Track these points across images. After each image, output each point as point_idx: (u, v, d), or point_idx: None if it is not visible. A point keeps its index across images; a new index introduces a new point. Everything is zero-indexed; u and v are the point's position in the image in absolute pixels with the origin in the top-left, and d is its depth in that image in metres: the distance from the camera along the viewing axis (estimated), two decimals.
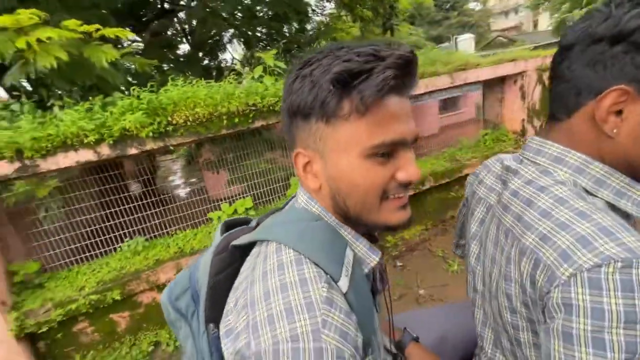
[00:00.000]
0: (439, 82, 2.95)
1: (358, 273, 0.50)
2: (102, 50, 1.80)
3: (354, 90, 0.44)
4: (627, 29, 0.44)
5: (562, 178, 0.52)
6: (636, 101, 0.45)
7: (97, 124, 1.83)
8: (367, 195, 0.49)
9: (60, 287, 2.10)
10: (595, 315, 0.40)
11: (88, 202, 2.35)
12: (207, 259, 0.60)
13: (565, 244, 0.44)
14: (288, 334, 0.39)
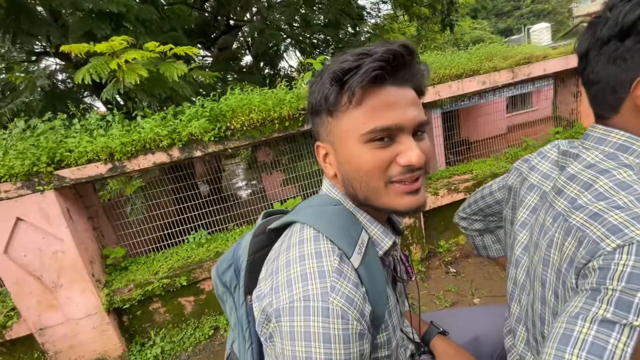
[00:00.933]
0: (498, 77, 2.75)
1: (372, 254, 0.56)
2: (174, 66, 2.08)
3: (346, 84, 0.50)
4: (627, 23, 0.45)
5: (628, 162, 0.50)
6: None
7: (169, 130, 2.11)
8: (370, 178, 0.53)
9: (140, 270, 2.45)
10: (634, 280, 0.39)
11: (163, 198, 2.70)
12: (247, 240, 0.70)
13: (618, 220, 0.43)
14: (302, 295, 0.46)
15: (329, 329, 0.44)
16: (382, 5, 7.24)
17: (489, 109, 4.80)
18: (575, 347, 0.41)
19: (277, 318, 0.47)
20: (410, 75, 0.53)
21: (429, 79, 2.71)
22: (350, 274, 0.49)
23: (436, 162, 4.75)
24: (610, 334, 0.40)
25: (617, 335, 0.39)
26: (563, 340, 0.42)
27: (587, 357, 0.40)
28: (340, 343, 0.44)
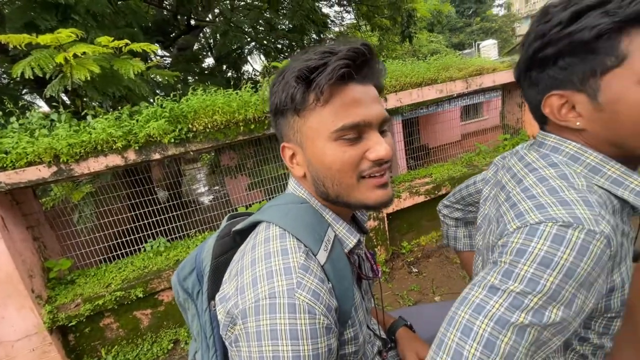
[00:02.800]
0: (454, 87, 2.93)
1: (338, 251, 0.56)
2: (130, 63, 1.95)
3: (313, 82, 0.50)
4: (530, 56, 0.55)
5: (557, 161, 0.56)
6: (575, 95, 0.52)
7: (124, 131, 1.98)
8: (342, 175, 0.53)
9: (89, 283, 2.25)
10: (519, 254, 0.47)
11: (117, 204, 2.51)
12: (211, 243, 0.67)
13: (524, 207, 0.51)
14: (267, 293, 0.46)
15: (296, 325, 0.44)
16: (346, 14, 7.44)
17: (445, 117, 5.11)
18: (466, 306, 0.48)
19: (243, 319, 0.46)
20: (372, 73, 0.54)
21: (392, 86, 2.81)
22: (317, 270, 0.50)
23: (398, 167, 4.94)
24: (492, 297, 0.46)
25: (497, 298, 0.46)
26: (461, 301, 0.50)
27: (472, 315, 0.47)
28: (307, 338, 0.44)
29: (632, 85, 0.46)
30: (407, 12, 6.49)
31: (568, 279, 0.43)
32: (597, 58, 0.48)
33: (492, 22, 19.70)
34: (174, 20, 5.57)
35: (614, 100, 0.48)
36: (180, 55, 5.38)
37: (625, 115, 0.48)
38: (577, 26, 0.47)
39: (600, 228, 0.45)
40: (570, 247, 0.44)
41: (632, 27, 0.45)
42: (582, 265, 0.43)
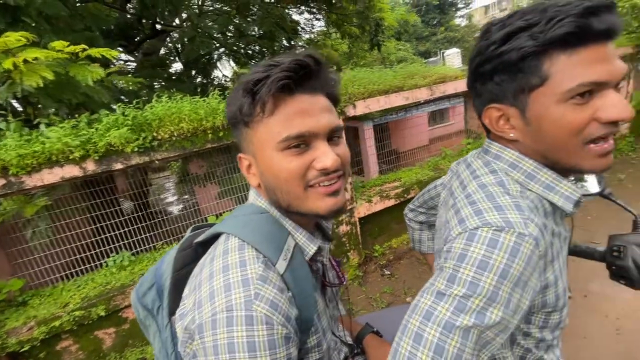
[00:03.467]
0: (419, 94, 3.05)
1: (298, 259, 0.57)
2: (87, 69, 1.86)
3: (257, 94, 0.52)
4: (473, 71, 0.60)
5: (497, 168, 0.60)
6: (509, 109, 0.56)
7: (82, 140, 1.87)
8: (289, 184, 0.54)
9: (44, 304, 2.09)
10: (460, 259, 0.49)
11: (75, 217, 2.36)
12: (172, 256, 0.65)
13: (466, 213, 0.54)
14: (224, 306, 0.46)
15: (253, 337, 0.44)
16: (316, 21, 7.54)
17: (414, 122, 5.29)
18: (417, 314, 0.50)
19: (200, 334, 0.45)
20: (320, 84, 0.55)
21: (360, 93, 2.87)
22: (275, 279, 0.50)
23: (370, 171, 5.03)
24: (439, 303, 0.49)
25: (443, 303, 0.48)
26: (412, 309, 0.52)
27: (422, 322, 0.48)
28: (265, 350, 0.44)
29: (552, 104, 0.50)
30: (375, 21, 6.68)
31: (503, 280, 0.46)
32: (524, 77, 0.51)
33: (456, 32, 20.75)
34: (138, 24, 5.37)
35: (538, 116, 0.52)
36: (146, 61, 5.19)
37: (547, 131, 0.52)
38: (507, 47, 0.50)
39: (528, 231, 0.48)
40: (503, 249, 0.47)
41: (553, 50, 0.48)
42: (514, 265, 0.47)
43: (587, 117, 0.49)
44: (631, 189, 3.74)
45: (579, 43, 0.47)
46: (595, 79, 0.47)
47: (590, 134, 0.50)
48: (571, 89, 0.48)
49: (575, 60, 0.47)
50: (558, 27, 0.46)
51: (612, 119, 0.48)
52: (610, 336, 1.90)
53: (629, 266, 0.73)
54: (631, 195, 3.56)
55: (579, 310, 2.12)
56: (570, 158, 0.53)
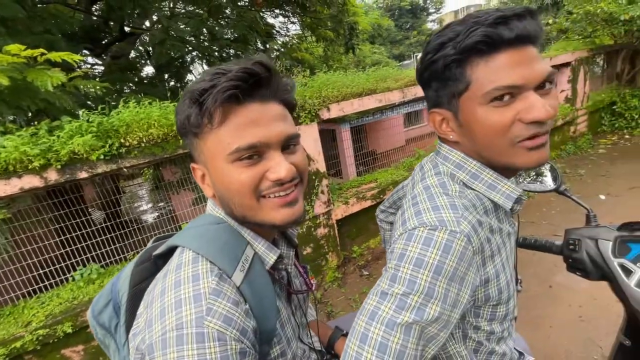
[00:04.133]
0: (392, 96, 3.12)
1: (258, 269, 0.56)
2: (47, 74, 1.77)
3: (203, 105, 0.49)
4: (419, 78, 0.63)
5: (442, 169, 0.63)
6: (447, 113, 0.60)
7: (42, 148, 1.78)
8: (241, 196, 0.53)
9: (3, 324, 1.96)
10: (400, 258, 0.52)
11: (39, 230, 2.23)
12: (129, 270, 0.62)
13: (409, 215, 0.57)
14: (174, 324, 0.44)
15: (205, 355, 0.42)
16: (291, 25, 7.54)
17: (390, 124, 5.39)
18: (363, 315, 0.51)
19: (151, 355, 0.43)
20: (272, 91, 0.53)
21: (334, 96, 2.90)
22: (230, 292, 0.49)
23: (348, 173, 5.08)
24: (382, 302, 0.50)
25: (386, 302, 0.50)
26: (360, 311, 0.53)
27: (367, 322, 0.50)
28: None
29: (477, 107, 0.54)
30: (349, 24, 6.77)
31: (438, 276, 0.49)
32: (453, 83, 0.55)
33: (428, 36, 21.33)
34: (105, 26, 5.17)
35: (467, 119, 0.56)
36: (114, 64, 4.99)
37: (476, 132, 0.56)
38: (437, 55, 0.55)
39: (460, 228, 0.51)
40: (436, 247, 0.50)
41: (473, 57, 0.52)
42: (447, 262, 0.50)
43: (510, 119, 0.52)
44: (590, 183, 3.98)
45: (493, 50, 0.51)
46: (509, 82, 0.50)
47: (518, 134, 0.53)
48: (488, 92, 0.51)
49: (492, 65, 0.51)
50: (471, 36, 0.50)
51: (532, 120, 0.51)
52: (574, 323, 2.01)
53: (584, 258, 0.79)
54: (591, 189, 3.79)
55: (545, 301, 2.23)
56: (502, 156, 0.56)
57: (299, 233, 2.83)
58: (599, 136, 5.52)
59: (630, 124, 5.38)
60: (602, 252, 0.76)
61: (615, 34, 4.97)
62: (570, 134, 5.16)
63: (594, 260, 0.77)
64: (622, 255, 0.73)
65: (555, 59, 4.64)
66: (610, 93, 5.53)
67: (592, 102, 5.28)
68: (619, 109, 5.47)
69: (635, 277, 0.68)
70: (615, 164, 4.38)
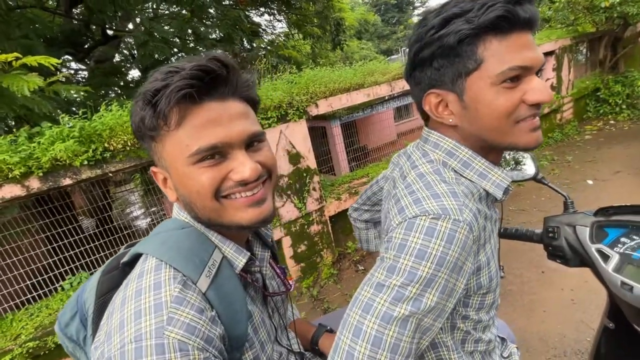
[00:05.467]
0: (380, 90, 3.11)
1: (226, 274, 0.53)
2: (22, 79, 1.72)
3: (157, 106, 0.47)
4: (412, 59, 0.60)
5: (434, 157, 0.62)
6: (448, 95, 0.57)
7: (22, 156, 1.73)
8: (202, 198, 0.50)
9: None
10: (400, 249, 0.50)
11: (27, 239, 2.17)
12: (95, 280, 0.59)
13: (405, 202, 0.55)
14: (133, 336, 0.42)
15: None
16: (277, 23, 7.49)
17: (380, 118, 5.39)
18: (357, 307, 0.50)
19: None
20: (231, 88, 0.51)
21: (322, 92, 2.88)
22: (195, 299, 0.47)
23: (340, 169, 5.08)
24: (377, 294, 0.49)
25: (382, 295, 0.48)
26: (353, 302, 0.52)
27: (361, 315, 0.49)
28: None
29: (487, 87, 0.53)
30: (335, 20, 6.75)
31: (440, 267, 0.48)
32: (461, 61, 0.53)
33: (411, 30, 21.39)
34: (87, 30, 5.06)
35: (474, 99, 0.54)
36: (98, 68, 4.90)
37: (483, 113, 0.54)
38: (445, 30, 0.52)
39: (463, 217, 0.50)
40: (440, 237, 0.48)
41: (486, 35, 0.51)
42: (450, 252, 0.48)
43: (517, 100, 0.52)
44: (578, 169, 4.04)
45: (509, 29, 0.50)
46: (522, 63, 0.50)
47: (519, 115, 0.54)
48: (503, 71, 0.51)
49: (505, 45, 0.51)
50: (490, 11, 0.49)
51: (537, 102, 0.52)
52: (567, 307, 2.04)
53: (563, 245, 0.79)
54: (578, 175, 3.85)
55: (538, 286, 2.25)
56: (506, 137, 0.56)
57: (293, 231, 2.81)
58: (584, 123, 5.61)
59: (614, 109, 5.47)
60: (580, 239, 0.75)
61: (597, 22, 5.04)
62: (557, 121, 5.23)
63: (572, 246, 0.77)
64: (599, 241, 0.73)
65: (539, 48, 4.69)
66: (594, 80, 5.61)
67: (577, 89, 5.36)
68: (603, 95, 5.56)
69: (612, 262, 0.67)
70: (601, 149, 4.46)
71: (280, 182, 2.70)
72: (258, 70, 3.09)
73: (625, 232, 0.72)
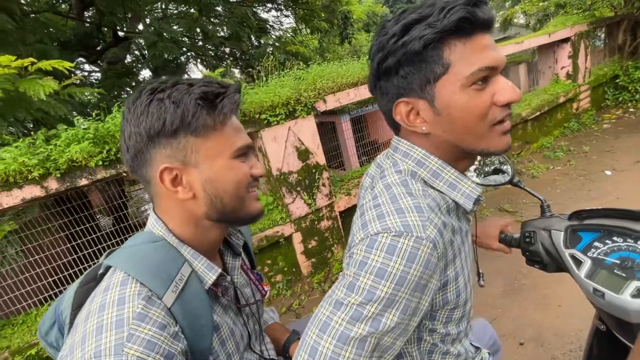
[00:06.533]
0: None
1: (194, 288, 0.55)
2: (38, 83, 1.77)
3: (218, 106, 0.55)
4: (376, 69, 0.57)
5: (403, 167, 0.59)
6: (418, 102, 0.55)
7: (40, 158, 1.79)
8: (240, 188, 0.59)
9: (17, 333, 2.00)
10: (360, 266, 0.49)
11: (49, 237, 2.26)
12: (72, 291, 0.61)
13: (369, 218, 0.53)
14: (92, 352, 0.43)
15: None
16: (285, 18, 7.47)
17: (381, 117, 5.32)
18: (314, 326, 0.49)
19: None
20: (237, 107, 0.62)
21: (330, 87, 2.86)
22: (158, 315, 0.48)
23: (350, 164, 5.06)
24: (336, 312, 0.48)
25: (340, 313, 0.48)
26: (312, 320, 0.51)
27: (318, 335, 0.48)
28: None
29: (458, 91, 0.51)
30: (343, 14, 6.68)
31: (400, 287, 0.47)
32: (428, 67, 0.52)
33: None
34: (98, 32, 5.16)
35: (447, 104, 0.53)
36: (111, 70, 5.00)
37: (457, 117, 0.53)
38: (408, 37, 0.51)
39: (426, 233, 0.49)
40: (401, 255, 0.47)
41: (450, 38, 0.50)
42: (412, 271, 0.47)
43: (489, 101, 0.52)
44: (595, 160, 3.92)
45: (471, 31, 0.50)
46: (490, 64, 0.50)
47: (493, 117, 0.52)
48: (472, 73, 0.50)
49: (470, 47, 0.50)
50: (451, 14, 0.48)
51: (507, 101, 0.51)
52: (582, 301, 1.97)
53: (539, 251, 0.76)
54: (596, 166, 3.73)
55: (552, 281, 2.21)
56: (481, 141, 0.54)
57: (303, 227, 2.83)
58: (602, 111, 5.42)
59: (634, 96, 5.26)
60: (555, 244, 0.73)
61: (615, 5, 4.84)
62: (573, 110, 5.07)
63: (549, 252, 0.75)
64: (573, 246, 0.70)
65: (554, 35, 4.54)
66: (612, 66, 5.40)
67: (594, 77, 5.17)
68: (622, 82, 5.35)
69: (584, 268, 0.65)
70: (620, 138, 4.30)
71: (290, 178, 2.72)
72: (265, 67, 3.09)
73: (599, 236, 0.70)
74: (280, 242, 2.77)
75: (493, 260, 2.54)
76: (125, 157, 0.58)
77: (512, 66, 6.92)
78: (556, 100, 4.64)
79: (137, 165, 0.57)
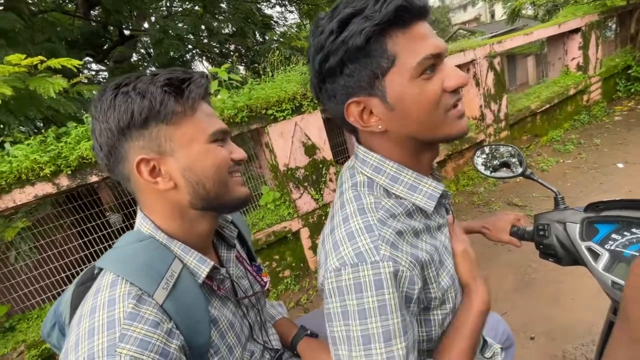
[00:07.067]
0: None
1: (185, 284, 0.55)
2: (48, 81, 1.79)
3: (185, 91, 0.54)
4: (318, 70, 0.54)
5: (359, 179, 0.58)
6: (369, 100, 0.53)
7: (51, 155, 1.81)
8: (221, 173, 0.58)
9: (32, 327, 2.04)
10: (344, 317, 0.49)
11: (61, 234, 2.30)
12: (70, 292, 0.61)
13: (329, 247, 0.53)
14: (86, 355, 0.43)
15: None
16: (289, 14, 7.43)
17: None
18: None
19: None
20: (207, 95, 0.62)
21: None
22: (150, 313, 0.48)
23: None
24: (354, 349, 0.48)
25: None
26: None
27: None
28: None
29: (408, 82, 0.49)
30: None
31: (387, 314, 0.46)
32: (374, 61, 0.49)
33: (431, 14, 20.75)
34: (105, 31, 5.20)
35: (398, 98, 0.51)
36: (117, 69, 5.04)
37: (412, 110, 0.51)
38: (347, 33, 0.48)
39: (380, 254, 0.48)
40: (368, 288, 0.47)
41: (390, 29, 0.48)
42: (387, 296, 0.47)
43: (440, 88, 0.50)
44: (607, 152, 3.84)
45: (410, 19, 0.49)
46: (434, 51, 0.49)
47: (446, 103, 0.52)
48: (419, 62, 0.48)
49: (410, 37, 0.49)
50: (387, 4, 0.46)
51: (456, 86, 0.51)
52: (595, 295, 1.94)
53: (554, 244, 0.75)
54: (607, 158, 3.67)
55: (564, 274, 2.18)
56: (440, 129, 0.53)
57: (311, 222, 2.84)
58: (614, 103, 5.31)
59: None
60: (570, 236, 0.71)
61: None
62: (584, 103, 4.97)
63: (563, 245, 0.73)
64: (589, 238, 0.69)
65: (564, 25, 4.45)
66: (624, 57, 5.27)
67: (606, 68, 5.06)
68: (634, 73, 5.22)
69: (602, 260, 0.63)
70: (633, 130, 4.21)
71: (297, 174, 2.72)
72: (271, 62, 3.08)
73: (616, 228, 0.68)
74: (288, 237, 2.78)
75: (503, 254, 2.52)
76: (100, 157, 0.56)
77: (521, 58, 6.80)
78: (566, 92, 4.55)
79: (113, 164, 0.56)
